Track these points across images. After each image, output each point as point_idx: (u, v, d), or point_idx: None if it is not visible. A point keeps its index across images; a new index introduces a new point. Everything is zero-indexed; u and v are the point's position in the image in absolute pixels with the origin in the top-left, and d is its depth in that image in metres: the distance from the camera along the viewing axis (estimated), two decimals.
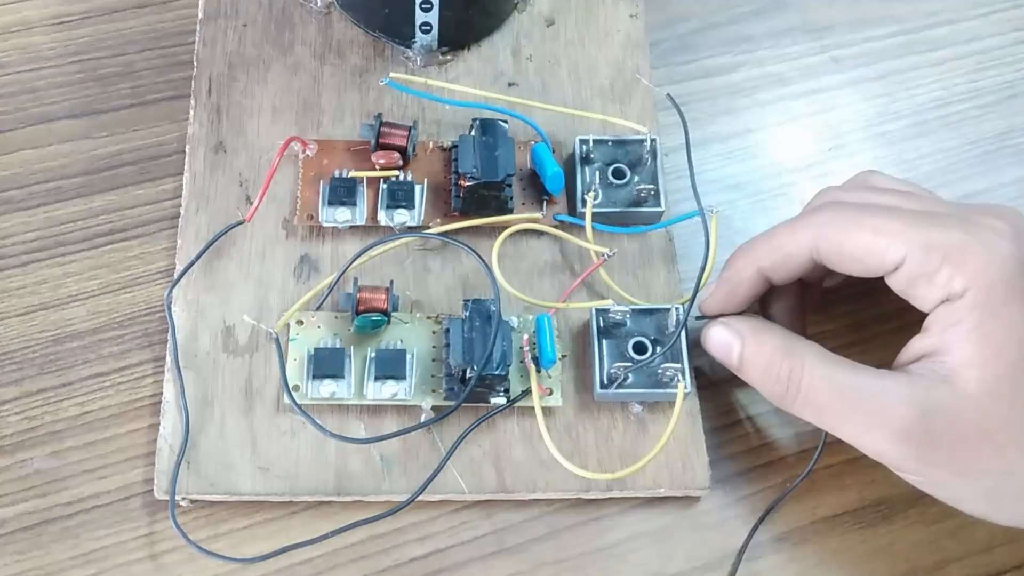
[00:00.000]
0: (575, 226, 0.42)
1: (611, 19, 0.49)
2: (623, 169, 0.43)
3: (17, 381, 0.39)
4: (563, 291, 0.41)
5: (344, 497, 0.37)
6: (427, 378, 0.39)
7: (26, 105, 0.45)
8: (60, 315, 0.41)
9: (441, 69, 0.47)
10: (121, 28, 0.48)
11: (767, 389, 0.36)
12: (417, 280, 0.41)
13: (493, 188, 0.41)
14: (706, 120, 0.47)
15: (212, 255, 0.41)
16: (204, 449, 0.37)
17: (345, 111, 0.45)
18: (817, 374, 0.34)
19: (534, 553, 0.37)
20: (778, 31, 0.50)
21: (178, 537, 0.36)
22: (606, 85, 0.47)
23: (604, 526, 0.38)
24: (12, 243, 0.42)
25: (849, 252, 0.35)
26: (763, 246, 0.37)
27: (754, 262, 0.37)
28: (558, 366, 0.39)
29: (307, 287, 0.41)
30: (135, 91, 0.46)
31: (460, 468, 0.38)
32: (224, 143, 0.44)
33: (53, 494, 0.37)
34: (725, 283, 0.38)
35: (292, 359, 0.39)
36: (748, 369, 0.36)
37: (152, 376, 0.40)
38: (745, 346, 0.36)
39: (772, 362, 0.35)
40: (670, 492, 0.38)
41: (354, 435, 0.38)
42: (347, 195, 0.41)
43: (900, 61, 0.50)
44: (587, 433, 0.39)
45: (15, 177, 0.43)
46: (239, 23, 0.47)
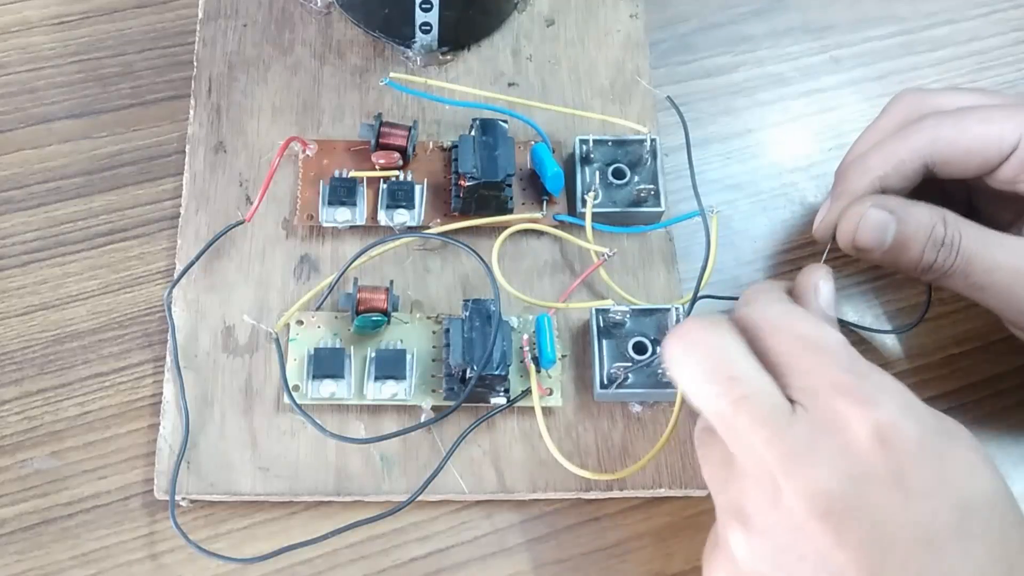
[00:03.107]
0: (575, 226, 0.42)
1: (611, 19, 0.49)
2: (623, 169, 0.43)
3: (17, 381, 0.39)
4: (563, 291, 0.41)
5: (344, 497, 0.37)
6: (427, 378, 0.39)
7: (26, 105, 0.45)
8: (60, 315, 0.41)
9: (441, 69, 0.47)
10: (121, 28, 0.48)
11: (923, 258, 0.35)
12: (417, 280, 0.41)
13: (493, 188, 0.41)
14: (706, 120, 0.47)
15: (212, 255, 0.41)
16: (204, 449, 0.37)
17: (345, 111, 0.45)
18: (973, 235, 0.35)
19: (534, 553, 0.37)
20: (778, 31, 0.50)
21: (178, 537, 0.36)
22: (606, 85, 0.47)
23: (604, 526, 0.38)
24: (12, 243, 0.42)
25: (965, 146, 0.36)
26: (876, 156, 0.37)
27: (867, 172, 0.37)
28: (558, 366, 0.39)
29: (307, 287, 0.41)
30: (135, 91, 0.46)
31: (460, 468, 0.38)
32: (224, 143, 0.44)
33: (53, 494, 0.37)
34: (840, 198, 0.38)
35: (292, 359, 0.39)
36: (907, 242, 0.36)
37: (152, 376, 0.40)
38: (902, 222, 0.36)
39: (935, 230, 0.35)
40: (670, 492, 0.38)
41: (354, 435, 0.38)
42: (347, 195, 0.41)
43: (900, 61, 0.50)
44: (587, 433, 0.39)
45: (15, 177, 0.44)
46: (239, 23, 0.47)
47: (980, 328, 0.43)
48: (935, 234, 0.35)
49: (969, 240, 0.35)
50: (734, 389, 0.29)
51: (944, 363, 0.42)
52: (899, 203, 0.36)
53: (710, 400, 0.30)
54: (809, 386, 0.29)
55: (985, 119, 0.36)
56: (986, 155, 0.36)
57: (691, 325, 0.31)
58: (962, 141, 0.36)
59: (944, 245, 0.35)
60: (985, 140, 0.36)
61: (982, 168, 0.37)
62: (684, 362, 0.31)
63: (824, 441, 0.28)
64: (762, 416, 0.29)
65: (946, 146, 0.36)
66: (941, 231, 0.35)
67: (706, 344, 0.30)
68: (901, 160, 0.37)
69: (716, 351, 0.30)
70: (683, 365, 0.31)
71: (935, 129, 0.36)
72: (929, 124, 0.37)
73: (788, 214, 0.45)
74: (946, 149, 0.36)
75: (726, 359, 0.30)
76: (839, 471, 0.28)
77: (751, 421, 0.29)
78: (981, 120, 0.36)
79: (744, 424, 0.29)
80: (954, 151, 0.36)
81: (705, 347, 0.30)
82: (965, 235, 0.35)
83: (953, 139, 0.36)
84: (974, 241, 0.35)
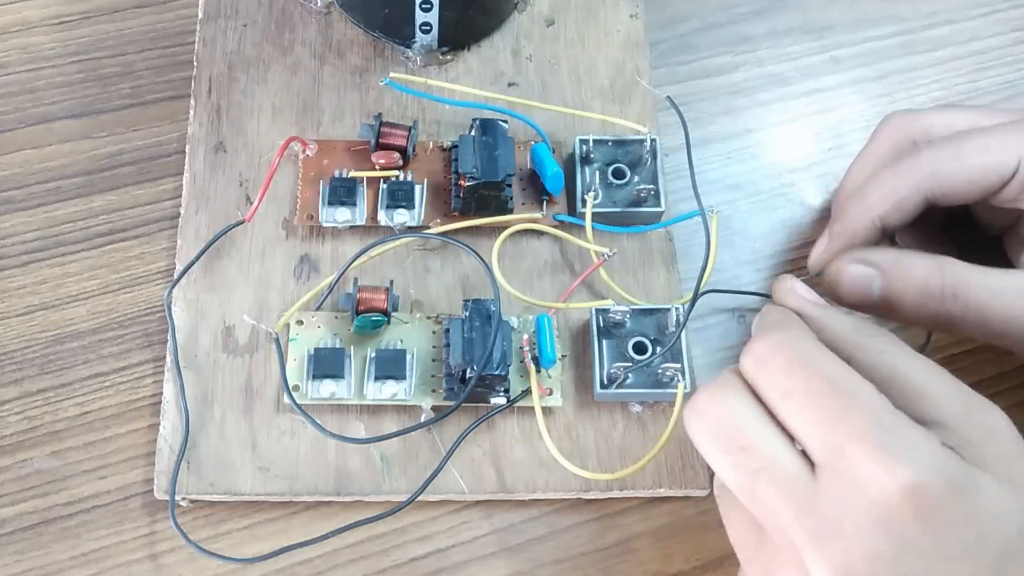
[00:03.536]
0: (575, 226, 0.42)
1: (611, 19, 0.49)
2: (623, 169, 0.43)
3: (17, 381, 0.39)
4: (563, 291, 0.41)
5: (344, 497, 0.37)
6: (427, 378, 0.39)
7: (26, 105, 0.45)
8: (60, 315, 0.41)
9: (441, 69, 0.47)
10: (121, 28, 0.48)
11: (922, 311, 0.34)
12: (417, 280, 0.41)
13: (493, 188, 0.41)
14: (706, 120, 0.47)
15: (212, 255, 0.41)
16: (204, 449, 0.37)
17: (345, 111, 0.45)
18: (978, 282, 0.34)
19: (534, 553, 0.37)
20: (778, 31, 0.50)
21: (178, 537, 0.36)
22: (606, 85, 0.47)
23: (604, 526, 0.38)
24: (12, 243, 0.42)
25: (965, 178, 0.35)
26: (875, 194, 0.36)
27: (867, 211, 0.36)
28: (558, 366, 0.39)
29: (307, 287, 0.41)
30: (135, 91, 0.46)
31: (460, 468, 0.38)
32: (224, 143, 0.44)
33: (53, 494, 0.37)
34: (839, 237, 0.37)
35: (292, 359, 0.39)
36: (897, 299, 0.34)
37: (152, 376, 0.40)
38: (889, 276, 0.34)
39: (928, 283, 0.34)
40: (670, 492, 0.38)
41: (354, 435, 0.38)
42: (347, 195, 0.41)
43: (900, 61, 0.50)
44: (587, 433, 0.39)
45: (15, 177, 0.44)
46: (239, 23, 0.47)
47: None
48: (930, 287, 0.34)
49: (978, 289, 0.34)
50: (749, 461, 0.28)
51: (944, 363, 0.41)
52: (889, 256, 0.35)
53: (727, 472, 0.29)
54: (833, 443, 0.27)
55: (982, 148, 0.35)
56: (986, 183, 0.35)
57: (701, 397, 0.30)
58: (962, 173, 0.35)
59: (945, 297, 0.34)
60: (984, 169, 0.35)
61: (983, 195, 0.36)
62: (699, 437, 0.30)
63: (852, 509, 0.27)
64: (783, 488, 0.28)
65: (946, 179, 0.35)
66: (937, 283, 0.34)
67: (716, 416, 0.29)
68: (901, 198, 0.36)
69: (726, 421, 0.29)
70: (699, 440, 0.30)
71: (933, 163, 0.36)
72: (927, 159, 0.36)
73: (788, 214, 0.45)
74: (946, 182, 0.35)
75: (737, 428, 0.29)
76: (871, 542, 0.26)
77: (773, 494, 0.28)
78: (978, 149, 0.35)
79: (766, 497, 0.28)
80: (954, 183, 0.35)
81: (716, 418, 0.29)
82: (971, 284, 0.34)
83: (952, 172, 0.35)
84: (983, 291, 0.34)
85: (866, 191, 0.37)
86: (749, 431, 0.29)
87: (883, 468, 0.26)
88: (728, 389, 0.30)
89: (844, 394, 0.28)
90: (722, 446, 0.29)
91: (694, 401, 0.30)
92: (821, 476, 0.27)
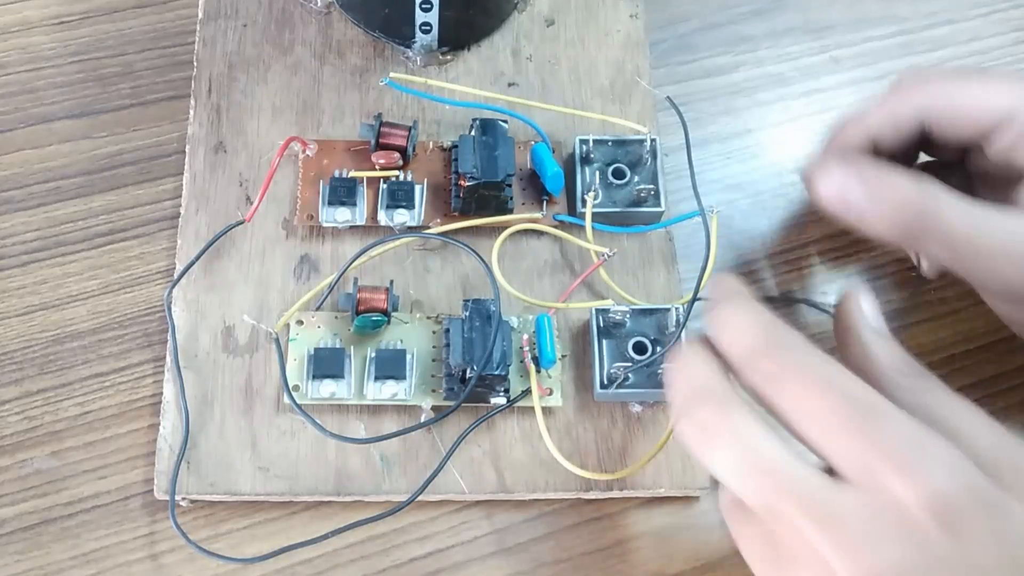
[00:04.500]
0: (575, 226, 0.42)
1: (611, 19, 0.49)
2: (623, 169, 0.43)
3: (17, 381, 0.39)
4: (563, 291, 0.41)
5: (344, 497, 0.37)
6: (427, 378, 0.39)
7: (26, 105, 0.45)
8: (60, 315, 0.41)
9: (441, 69, 0.47)
10: (121, 28, 0.48)
11: (895, 226, 0.34)
12: (417, 280, 0.41)
13: (493, 188, 0.41)
14: (706, 120, 0.47)
15: (212, 255, 0.41)
16: (204, 449, 0.38)
17: (345, 111, 0.45)
18: (953, 205, 0.34)
19: (534, 553, 0.37)
20: (778, 31, 0.50)
21: (178, 537, 0.36)
22: (606, 85, 0.47)
23: (604, 526, 0.38)
24: (12, 243, 0.42)
25: (960, 106, 0.36)
26: (874, 111, 0.37)
27: (864, 130, 0.37)
28: (558, 366, 0.39)
29: (307, 287, 0.41)
30: (135, 91, 0.46)
31: (460, 468, 0.38)
32: (224, 143, 0.44)
33: (53, 494, 0.37)
34: (832, 151, 0.38)
35: (292, 359, 0.39)
36: (874, 211, 0.35)
37: (152, 376, 0.40)
38: (870, 187, 0.35)
39: (906, 198, 0.34)
40: (670, 492, 0.38)
41: (354, 435, 0.38)
42: (347, 195, 0.41)
43: (900, 61, 0.50)
44: (587, 433, 0.39)
45: (15, 177, 0.44)
46: (239, 23, 0.47)
47: (980, 328, 0.43)
48: (908, 203, 0.34)
49: (950, 212, 0.34)
50: (770, 480, 0.28)
51: (944, 363, 0.42)
52: (872, 166, 0.35)
53: (748, 492, 0.28)
54: (861, 458, 0.27)
55: (983, 82, 0.36)
56: (980, 118, 0.36)
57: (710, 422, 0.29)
58: (958, 100, 0.36)
59: (917, 215, 0.34)
60: (980, 102, 0.36)
61: (976, 131, 0.36)
62: (711, 456, 0.29)
63: (880, 523, 0.26)
64: (808, 504, 0.27)
65: (943, 104, 0.36)
66: (915, 200, 0.34)
67: (730, 434, 0.29)
68: (896, 116, 0.37)
69: (741, 441, 0.29)
70: (711, 460, 0.29)
71: (933, 87, 0.37)
72: (928, 81, 0.37)
73: (788, 214, 0.45)
74: (942, 107, 0.36)
75: (754, 449, 0.28)
76: (900, 555, 0.26)
77: (797, 511, 0.27)
78: (979, 82, 0.36)
79: (790, 513, 0.27)
80: (950, 111, 0.36)
81: (729, 438, 0.29)
82: (944, 206, 0.34)
83: (950, 98, 0.36)
84: (956, 213, 0.34)
85: (865, 109, 0.38)
86: (766, 451, 0.28)
87: (912, 481, 0.26)
88: (737, 412, 0.29)
89: (870, 411, 0.28)
90: (741, 467, 0.28)
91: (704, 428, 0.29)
92: (848, 490, 0.27)
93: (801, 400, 0.29)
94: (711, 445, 0.29)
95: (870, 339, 0.32)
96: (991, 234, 0.34)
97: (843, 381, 0.29)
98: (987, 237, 0.34)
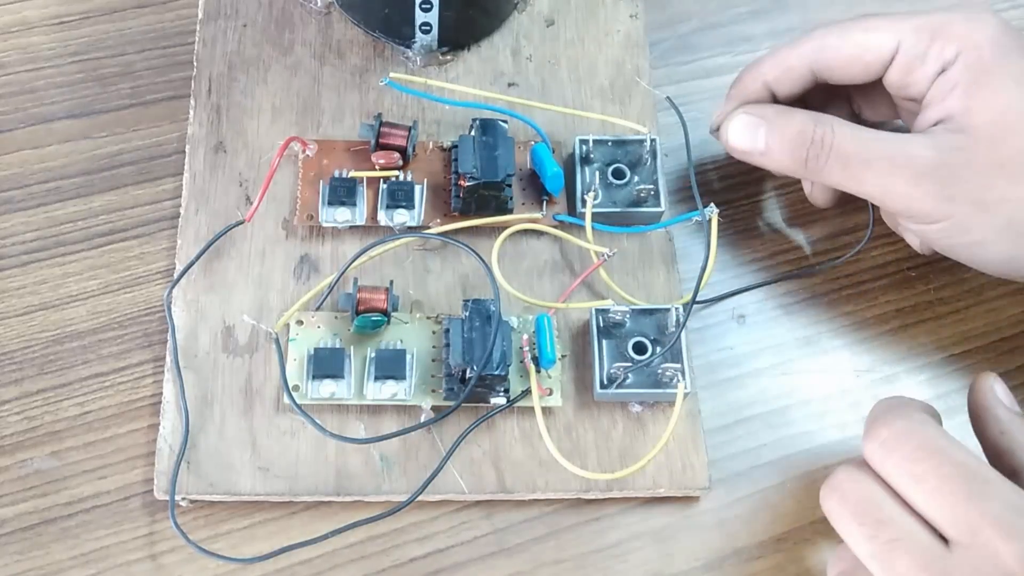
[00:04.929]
0: (575, 226, 0.42)
1: (611, 19, 0.49)
2: (623, 169, 0.43)
3: (17, 381, 0.39)
4: (563, 291, 0.41)
5: (344, 497, 0.37)
6: (427, 378, 0.39)
7: (26, 105, 0.45)
8: (60, 315, 0.41)
9: (441, 69, 0.47)
10: (121, 28, 0.48)
11: (796, 156, 0.38)
12: (417, 280, 0.41)
13: (493, 188, 0.41)
14: (706, 120, 0.47)
15: (212, 255, 0.41)
16: (204, 449, 0.37)
17: (345, 111, 0.45)
18: (846, 132, 0.38)
19: (534, 553, 0.37)
20: (778, 31, 0.50)
21: (178, 537, 0.36)
22: (606, 85, 0.47)
23: (604, 526, 0.38)
24: (12, 243, 0.42)
25: (848, 52, 0.39)
26: (768, 61, 0.41)
27: (760, 76, 0.41)
28: (558, 366, 0.39)
29: (307, 287, 0.41)
30: (135, 91, 0.46)
31: (460, 468, 0.38)
32: (224, 143, 0.44)
33: (53, 494, 0.37)
34: (733, 99, 0.42)
35: (292, 359, 0.39)
36: (777, 145, 0.39)
37: (152, 376, 0.40)
38: (772, 125, 0.39)
39: (803, 130, 0.38)
40: (670, 492, 0.38)
41: (354, 435, 0.38)
42: (347, 195, 0.41)
43: None
44: (587, 433, 0.39)
45: (15, 177, 0.44)
46: (239, 23, 0.47)
47: (980, 328, 0.43)
48: (804, 133, 0.38)
49: (842, 137, 0.37)
50: (886, 532, 0.31)
51: (944, 363, 0.42)
52: (773, 109, 0.40)
53: (863, 543, 0.31)
54: (967, 521, 0.30)
55: (867, 28, 0.39)
56: (866, 60, 0.39)
57: (839, 476, 0.33)
58: (844, 48, 0.39)
59: (814, 143, 0.38)
60: (865, 46, 0.39)
61: (865, 73, 0.39)
62: (837, 511, 0.32)
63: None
64: (919, 558, 0.30)
65: (831, 53, 0.39)
66: (811, 130, 0.38)
67: (856, 492, 0.32)
68: (790, 66, 0.40)
69: (865, 497, 0.32)
70: (836, 514, 0.32)
71: (822, 38, 0.39)
72: (817, 33, 0.40)
73: (788, 214, 0.45)
74: (830, 56, 0.39)
75: (875, 503, 0.31)
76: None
77: (909, 563, 0.30)
78: (863, 28, 0.39)
79: (902, 566, 0.30)
80: (837, 58, 0.39)
81: (855, 495, 0.32)
82: (837, 133, 0.37)
83: (837, 46, 0.39)
84: (847, 138, 0.37)
85: (760, 59, 0.41)
86: (884, 506, 0.31)
87: (1014, 545, 0.29)
88: (864, 470, 0.32)
89: (976, 478, 0.30)
90: (859, 519, 0.32)
91: (832, 479, 0.33)
92: (955, 550, 0.30)
93: (910, 466, 0.31)
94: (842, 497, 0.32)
95: (1005, 416, 0.35)
96: (880, 150, 0.37)
97: (953, 449, 0.31)
98: (876, 153, 0.37)
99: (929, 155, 0.36)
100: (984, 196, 0.36)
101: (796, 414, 0.41)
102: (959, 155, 0.36)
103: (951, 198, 0.36)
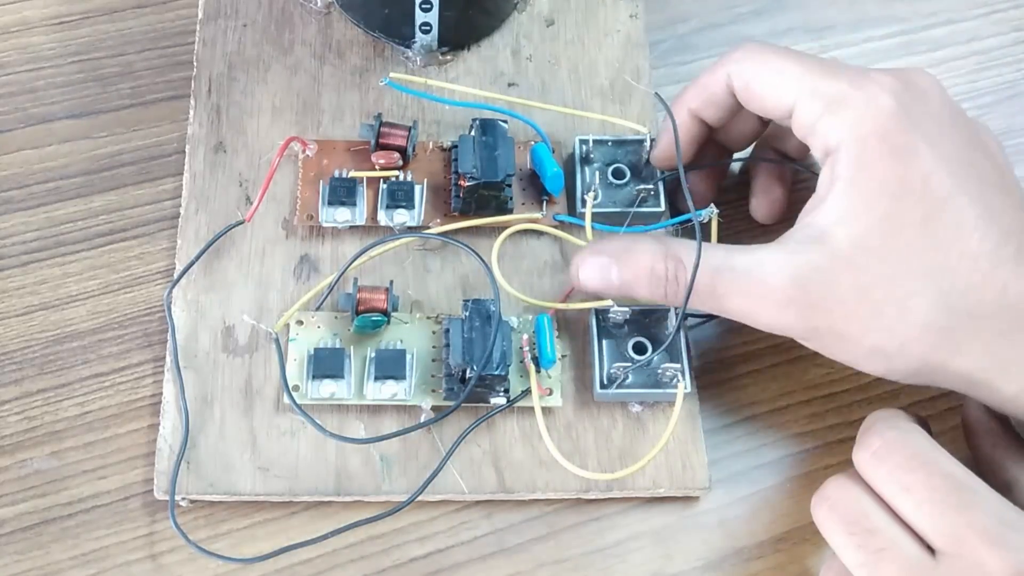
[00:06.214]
0: (575, 226, 0.42)
1: (611, 19, 0.49)
2: (623, 169, 0.43)
3: (17, 381, 0.39)
4: (563, 291, 0.41)
5: (344, 497, 0.37)
6: (427, 378, 0.39)
7: (26, 105, 0.45)
8: (60, 315, 0.41)
9: (441, 69, 0.47)
10: (121, 28, 0.48)
11: (654, 293, 0.36)
12: (417, 280, 0.41)
13: (493, 188, 0.41)
14: None
15: (212, 255, 0.41)
16: (204, 449, 0.37)
17: (345, 111, 0.45)
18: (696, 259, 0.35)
19: (534, 553, 0.37)
20: (778, 31, 0.50)
21: (178, 537, 0.36)
22: (606, 85, 0.47)
23: (604, 526, 0.38)
24: (12, 243, 0.42)
25: (756, 91, 0.37)
26: (690, 89, 0.39)
27: (684, 104, 0.39)
28: (558, 366, 0.39)
29: (307, 287, 0.41)
30: (135, 91, 0.46)
31: (460, 468, 0.38)
32: (224, 143, 0.44)
33: (53, 494, 0.37)
34: (665, 132, 0.41)
35: (292, 359, 0.39)
36: (632, 283, 0.36)
37: (152, 376, 0.40)
38: (621, 264, 0.36)
39: (653, 267, 0.36)
40: (670, 492, 0.38)
41: (354, 435, 0.38)
42: (347, 195, 0.41)
43: (900, 61, 0.50)
44: (587, 433, 0.39)
45: (15, 177, 0.44)
46: (239, 23, 0.47)
47: None
48: (656, 271, 0.36)
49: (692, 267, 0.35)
50: (874, 541, 0.31)
51: None
52: (618, 245, 0.37)
53: (851, 552, 0.32)
54: (953, 532, 0.30)
55: (779, 71, 0.36)
56: (769, 107, 0.37)
57: (829, 486, 0.33)
58: (753, 85, 0.37)
59: (668, 280, 0.36)
60: (769, 92, 0.36)
61: (774, 115, 0.37)
62: (827, 520, 0.33)
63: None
64: (906, 567, 0.31)
65: (740, 84, 0.37)
66: (661, 267, 0.36)
67: (845, 501, 0.33)
68: (712, 92, 0.38)
69: (853, 507, 0.32)
70: (826, 523, 0.33)
71: (738, 63, 0.37)
72: (735, 57, 0.37)
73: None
74: (740, 87, 0.37)
75: (863, 512, 0.32)
76: None
77: (895, 573, 0.31)
78: (776, 71, 0.36)
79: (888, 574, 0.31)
80: (747, 92, 0.37)
81: (844, 504, 0.33)
82: (689, 268, 0.35)
83: (748, 80, 0.37)
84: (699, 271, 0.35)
85: (684, 88, 0.40)
86: (873, 516, 0.32)
87: (999, 556, 0.29)
88: (854, 481, 0.33)
89: (965, 489, 0.31)
90: (848, 529, 0.32)
91: (823, 490, 0.34)
92: (941, 560, 0.30)
93: (900, 475, 0.32)
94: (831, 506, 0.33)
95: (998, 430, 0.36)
96: (735, 282, 0.35)
97: (941, 460, 0.32)
98: (731, 286, 0.35)
99: (784, 283, 0.33)
100: (847, 327, 0.33)
101: (796, 414, 0.41)
102: (819, 277, 0.33)
103: (814, 327, 0.34)
